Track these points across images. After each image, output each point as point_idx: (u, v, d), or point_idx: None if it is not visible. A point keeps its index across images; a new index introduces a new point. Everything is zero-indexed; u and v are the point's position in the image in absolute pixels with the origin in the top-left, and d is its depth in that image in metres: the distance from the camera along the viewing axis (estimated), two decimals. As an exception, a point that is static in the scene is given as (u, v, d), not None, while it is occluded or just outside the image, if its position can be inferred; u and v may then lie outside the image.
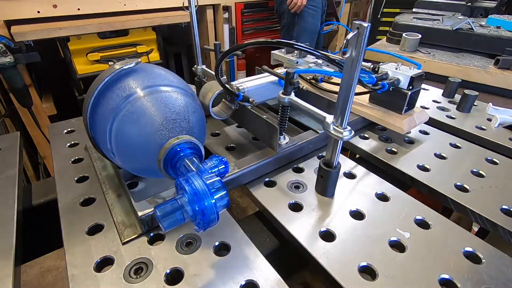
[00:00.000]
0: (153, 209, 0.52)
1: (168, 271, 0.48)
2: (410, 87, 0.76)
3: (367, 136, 0.84)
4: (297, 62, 0.94)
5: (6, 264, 0.49)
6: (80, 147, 0.80)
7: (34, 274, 1.57)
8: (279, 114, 0.69)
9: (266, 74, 0.79)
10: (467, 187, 0.65)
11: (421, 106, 0.96)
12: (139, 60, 0.55)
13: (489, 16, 1.60)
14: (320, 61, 0.94)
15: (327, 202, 0.61)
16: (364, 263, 0.49)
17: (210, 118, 0.75)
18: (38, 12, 1.51)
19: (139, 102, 0.51)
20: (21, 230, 0.58)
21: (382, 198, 0.63)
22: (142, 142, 0.51)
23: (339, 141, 0.54)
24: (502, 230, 0.56)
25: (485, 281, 0.46)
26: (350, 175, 0.70)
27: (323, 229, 0.55)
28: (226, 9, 2.09)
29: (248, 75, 2.01)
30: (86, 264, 0.49)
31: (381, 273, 0.47)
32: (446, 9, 1.86)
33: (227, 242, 0.53)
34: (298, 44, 0.55)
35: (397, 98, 0.79)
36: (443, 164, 0.73)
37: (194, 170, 0.46)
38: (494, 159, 0.75)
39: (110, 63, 1.70)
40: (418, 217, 0.58)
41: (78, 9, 1.61)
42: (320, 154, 0.76)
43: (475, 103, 0.99)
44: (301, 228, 0.55)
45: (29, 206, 0.68)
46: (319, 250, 0.51)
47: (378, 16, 2.79)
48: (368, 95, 0.86)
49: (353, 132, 0.53)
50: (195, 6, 0.80)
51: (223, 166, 0.50)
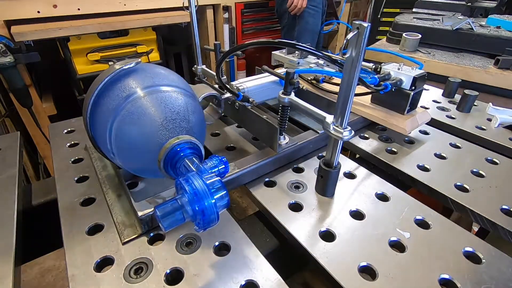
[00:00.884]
0: (153, 209, 0.52)
1: (168, 271, 0.48)
2: (413, 88, 0.75)
3: (367, 136, 0.84)
4: (298, 63, 0.94)
5: (6, 264, 0.49)
6: (80, 147, 0.80)
7: (34, 274, 1.57)
8: (279, 114, 0.69)
9: (266, 74, 0.79)
10: (467, 187, 0.65)
11: (421, 106, 0.96)
12: (139, 60, 0.55)
13: (489, 16, 1.60)
14: (321, 61, 0.94)
15: (327, 202, 0.61)
16: (364, 263, 0.49)
17: (210, 118, 0.75)
18: (38, 12, 1.51)
19: (139, 102, 0.51)
20: (21, 230, 0.58)
21: (382, 198, 0.63)
22: (142, 142, 0.51)
23: (339, 141, 0.55)
24: (502, 230, 0.56)
25: (485, 281, 0.46)
26: (350, 175, 0.70)
27: (323, 229, 0.55)
28: (226, 9, 2.09)
29: (248, 75, 2.01)
30: (86, 264, 0.49)
31: (381, 273, 0.47)
32: (446, 9, 1.86)
33: (227, 242, 0.53)
34: (300, 44, 0.55)
35: (399, 99, 0.79)
36: (443, 164, 0.73)
37: (194, 170, 0.46)
38: (494, 159, 0.75)
39: (110, 63, 1.70)
40: (418, 217, 0.58)
41: (78, 9, 1.61)
42: (320, 154, 0.76)
43: (475, 103, 0.99)
44: (301, 228, 0.55)
45: (29, 206, 0.68)
46: (319, 250, 0.51)
47: (378, 16, 2.79)
48: (369, 96, 0.86)
49: (353, 132, 0.53)
50: (195, 6, 0.81)
51: (223, 166, 0.50)
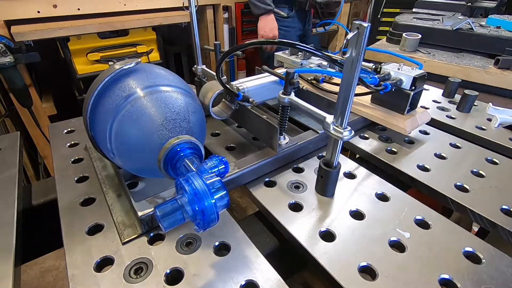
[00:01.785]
0: (153, 209, 0.52)
1: (168, 271, 0.48)
2: (413, 88, 0.75)
3: (367, 136, 0.84)
4: (301, 64, 0.94)
5: (6, 264, 0.49)
6: (80, 147, 0.80)
7: (34, 274, 1.57)
8: (279, 114, 0.69)
9: (266, 74, 0.79)
10: (467, 187, 0.65)
11: (421, 106, 0.96)
12: (139, 60, 0.55)
13: (489, 16, 1.60)
14: (325, 62, 0.93)
15: (327, 202, 0.61)
16: (364, 263, 0.49)
17: (210, 118, 0.75)
18: (38, 12, 1.51)
19: (139, 102, 0.51)
20: (21, 230, 0.58)
21: (382, 198, 0.63)
22: (142, 142, 0.51)
23: (339, 141, 0.55)
24: (502, 230, 0.56)
25: (485, 281, 0.46)
26: (350, 175, 0.70)
27: (323, 229, 0.55)
28: (226, 9, 2.09)
29: (248, 75, 2.01)
30: (86, 264, 0.49)
31: (381, 273, 0.47)
32: (446, 9, 1.86)
33: (227, 242, 0.52)
34: (300, 44, 0.55)
35: (399, 99, 0.79)
36: (443, 164, 0.73)
37: (194, 170, 0.46)
38: (494, 159, 0.75)
39: (110, 63, 1.70)
40: (418, 217, 0.58)
41: (78, 9, 1.61)
42: (320, 154, 0.76)
43: (475, 103, 0.99)
44: (301, 228, 0.55)
45: (29, 206, 0.68)
46: (319, 250, 0.51)
47: (378, 16, 2.79)
48: (369, 96, 0.86)
49: (353, 132, 0.53)
50: (195, 6, 0.81)
51: (223, 166, 0.50)
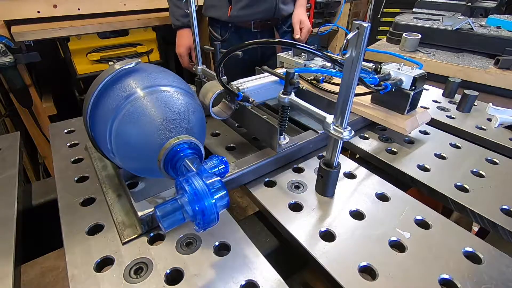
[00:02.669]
0: (153, 209, 0.52)
1: (168, 271, 0.48)
2: (413, 88, 0.75)
3: (367, 136, 0.84)
4: (305, 65, 0.94)
5: (6, 264, 0.49)
6: (80, 147, 0.80)
7: (34, 274, 1.57)
8: (279, 114, 0.69)
9: (266, 74, 0.79)
10: (467, 187, 0.65)
11: (421, 106, 0.96)
12: (139, 60, 0.55)
13: (489, 16, 1.60)
14: (329, 64, 0.93)
15: (327, 202, 0.61)
16: (364, 263, 0.49)
17: (210, 118, 0.75)
18: (38, 12, 1.51)
19: (139, 102, 0.51)
20: (21, 230, 0.58)
21: (382, 198, 0.63)
22: (142, 142, 0.51)
23: (339, 141, 0.55)
24: (502, 230, 0.56)
25: (485, 281, 0.46)
26: (350, 175, 0.70)
27: (323, 229, 0.55)
28: (226, 9, 2.09)
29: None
30: (86, 264, 0.49)
31: (381, 273, 0.47)
32: (446, 9, 1.86)
33: (227, 242, 0.52)
34: (300, 44, 0.55)
35: (399, 99, 0.79)
36: (443, 164, 0.73)
37: (194, 170, 0.46)
38: (494, 159, 0.75)
39: (110, 63, 1.70)
40: (418, 217, 0.58)
41: (78, 9, 1.61)
42: (320, 154, 0.76)
43: (475, 103, 0.99)
44: (301, 228, 0.55)
45: (29, 206, 0.68)
46: (319, 250, 0.51)
47: (378, 16, 2.79)
48: (369, 96, 0.85)
49: (353, 132, 0.53)
50: (195, 6, 0.81)
51: (223, 166, 0.50)
